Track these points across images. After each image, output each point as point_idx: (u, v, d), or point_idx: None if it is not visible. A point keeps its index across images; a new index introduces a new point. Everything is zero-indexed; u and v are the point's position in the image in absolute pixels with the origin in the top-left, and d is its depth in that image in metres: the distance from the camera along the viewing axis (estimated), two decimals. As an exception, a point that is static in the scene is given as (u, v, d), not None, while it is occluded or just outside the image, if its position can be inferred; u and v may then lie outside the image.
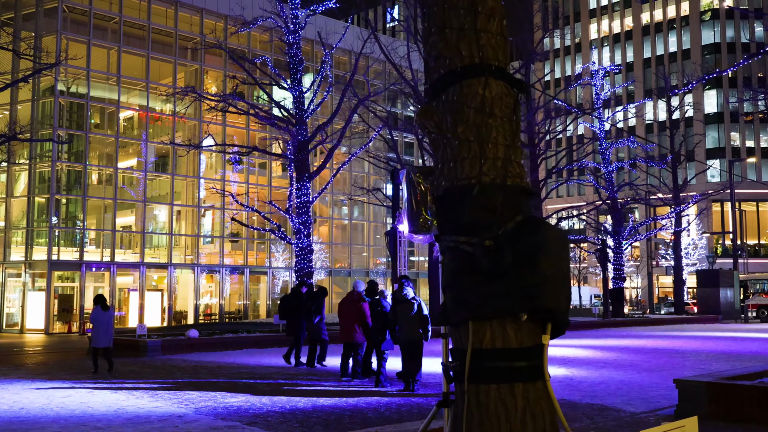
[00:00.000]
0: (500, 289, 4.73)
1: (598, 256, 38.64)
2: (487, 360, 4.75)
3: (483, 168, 4.85)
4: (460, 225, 4.88)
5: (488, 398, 4.76)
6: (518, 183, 4.84)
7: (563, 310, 4.74)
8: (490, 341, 4.75)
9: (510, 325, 4.71)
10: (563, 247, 4.85)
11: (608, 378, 14.59)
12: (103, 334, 15.67)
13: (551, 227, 4.84)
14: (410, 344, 12.56)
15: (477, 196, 4.78)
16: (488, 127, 4.86)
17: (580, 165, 42.15)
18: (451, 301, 5.02)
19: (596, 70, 42.67)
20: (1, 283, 40.48)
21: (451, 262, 5.02)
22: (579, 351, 21.46)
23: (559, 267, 4.75)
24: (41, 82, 40.24)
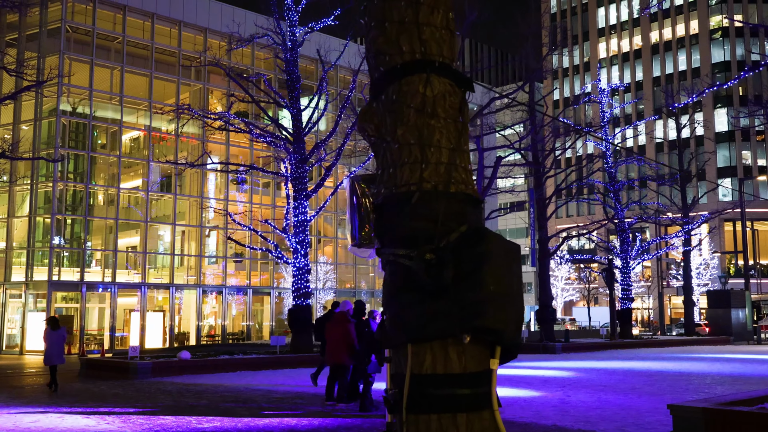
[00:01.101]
0: (441, 307, 4.25)
1: (605, 276, 37.96)
2: (427, 387, 4.26)
3: (424, 174, 4.39)
4: (398, 236, 4.42)
5: (428, 430, 4.28)
6: (463, 190, 4.38)
7: (511, 331, 4.24)
8: (430, 366, 4.27)
9: (453, 348, 4.23)
10: (512, 260, 4.37)
11: (605, 402, 13.99)
12: (54, 353, 16.65)
13: (498, 239, 4.37)
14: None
15: (417, 205, 4.32)
16: (430, 129, 4.41)
17: (587, 183, 41.57)
18: (390, 322, 4.54)
19: (602, 89, 42.21)
20: (2, 304, 40.21)
21: (390, 278, 4.55)
22: (580, 373, 20.82)
23: (506, 283, 4.27)
24: (44, 102, 40.20)
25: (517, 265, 4.46)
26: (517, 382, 17.96)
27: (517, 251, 4.49)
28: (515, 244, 4.57)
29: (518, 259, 4.49)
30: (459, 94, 4.59)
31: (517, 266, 4.46)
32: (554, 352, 31.09)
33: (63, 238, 40.77)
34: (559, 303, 73.43)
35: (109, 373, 20.87)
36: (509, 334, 4.27)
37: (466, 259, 4.28)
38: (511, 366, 23.40)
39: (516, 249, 4.51)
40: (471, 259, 4.27)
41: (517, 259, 4.47)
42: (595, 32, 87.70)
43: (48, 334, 17.16)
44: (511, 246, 4.49)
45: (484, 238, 4.26)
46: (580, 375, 20.22)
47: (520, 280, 4.49)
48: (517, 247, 4.54)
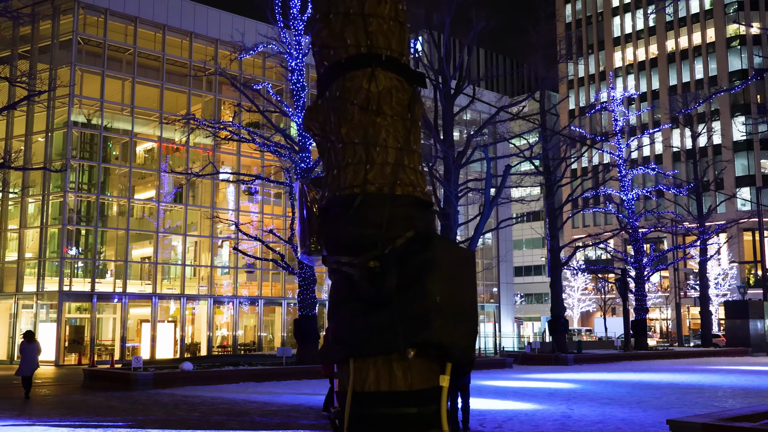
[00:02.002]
0: (384, 320, 3.95)
1: (618, 285, 37.34)
2: (370, 405, 3.95)
3: (368, 175, 4.09)
4: (342, 243, 4.12)
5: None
6: (410, 193, 4.08)
7: (460, 345, 3.92)
8: (374, 383, 3.96)
9: (398, 364, 3.92)
10: (462, 269, 4.05)
11: (609, 416, 13.56)
12: (26, 364, 17.85)
13: (446, 245, 4.05)
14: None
15: (360, 208, 4.02)
16: (376, 128, 4.12)
17: (600, 193, 41.02)
18: (332, 335, 4.25)
19: (614, 97, 41.72)
20: (14, 314, 40.27)
21: (333, 288, 4.25)
22: (588, 385, 20.35)
23: (454, 293, 3.95)
24: (56, 114, 40.35)
25: (469, 274, 4.13)
26: (522, 395, 17.55)
27: (469, 258, 4.17)
28: (467, 251, 4.25)
29: (471, 267, 4.16)
30: (408, 91, 4.29)
31: (470, 275, 4.14)
32: (566, 364, 30.57)
33: (77, 248, 40.82)
34: (575, 314, 72.66)
35: (111, 384, 20.67)
36: (458, 349, 3.95)
37: (411, 267, 3.97)
38: (517, 378, 22.97)
39: (468, 256, 4.19)
40: (415, 266, 3.96)
41: (469, 267, 4.14)
42: (611, 41, 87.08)
43: (23, 347, 18.24)
44: (463, 253, 4.17)
45: (430, 243, 3.96)
46: (587, 387, 19.75)
47: (474, 290, 4.17)
48: (469, 254, 4.22)
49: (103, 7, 40.67)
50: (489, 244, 60.57)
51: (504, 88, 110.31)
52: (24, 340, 18.56)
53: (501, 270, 59.59)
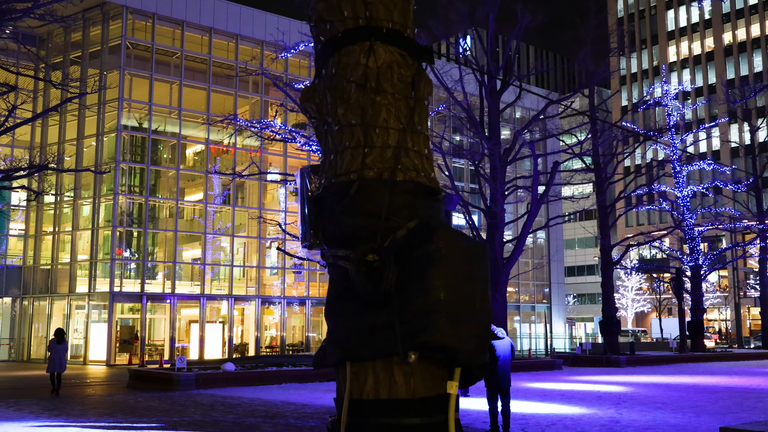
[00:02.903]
0: (382, 319, 3.55)
1: (673, 285, 36.18)
2: (369, 415, 3.56)
3: (366, 159, 3.70)
4: (338, 234, 3.74)
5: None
6: (413, 178, 3.67)
7: (468, 348, 3.49)
8: (372, 390, 3.57)
9: (399, 369, 3.52)
10: (472, 262, 3.61)
11: (660, 422, 12.90)
12: (57, 362, 18.97)
13: (455, 236, 3.62)
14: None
15: (356, 196, 3.63)
16: (376, 107, 3.72)
17: (654, 189, 39.80)
18: (327, 336, 3.87)
19: (667, 91, 40.46)
20: (67, 314, 41.01)
21: (330, 284, 3.87)
22: (640, 389, 19.58)
23: (463, 289, 3.52)
24: (106, 119, 40.94)
25: (480, 268, 3.70)
26: (569, 398, 16.93)
27: (479, 252, 3.73)
28: (478, 243, 3.82)
29: (483, 261, 3.72)
30: (412, 66, 3.88)
31: (482, 269, 3.70)
32: (618, 366, 29.67)
33: (130, 249, 41.35)
34: (629, 314, 71.00)
35: (155, 385, 20.69)
36: (466, 353, 3.52)
37: (413, 261, 3.57)
38: (566, 380, 22.28)
39: (478, 249, 3.75)
40: (418, 260, 3.56)
41: (480, 261, 3.71)
42: (665, 35, 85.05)
43: (53, 346, 19.43)
44: (473, 245, 3.74)
45: (434, 234, 3.54)
46: (639, 390, 18.99)
47: (486, 286, 3.74)
48: (481, 247, 3.78)
49: (150, 11, 41.13)
50: (541, 243, 59.52)
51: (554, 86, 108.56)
52: (54, 339, 19.66)
53: (552, 270, 58.47)
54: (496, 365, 11.26)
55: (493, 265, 29.37)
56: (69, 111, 42.85)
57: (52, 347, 19.48)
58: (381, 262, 3.51)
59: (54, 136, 43.37)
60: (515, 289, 56.44)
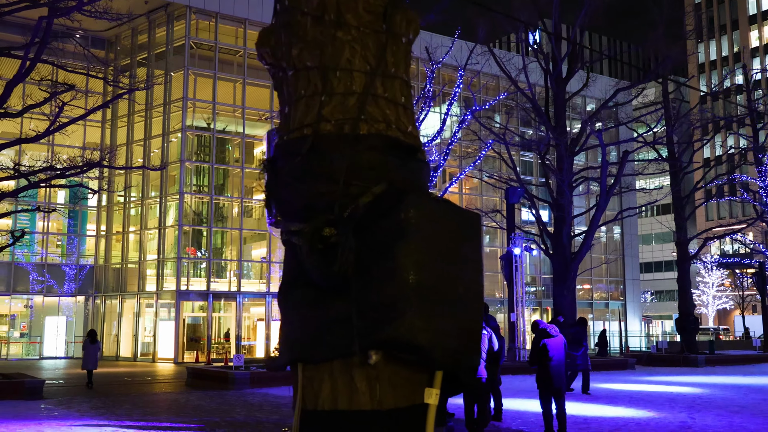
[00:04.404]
0: (339, 311, 2.81)
1: (756, 280, 34.12)
2: (324, 429, 2.84)
3: (324, 110, 2.96)
4: (292, 205, 3.02)
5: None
6: (383, 131, 2.91)
7: (447, 347, 2.72)
8: (329, 398, 2.83)
9: (360, 373, 2.76)
10: (452, 237, 2.82)
11: (738, 428, 11.73)
12: (91, 360, 20.26)
13: (433, 203, 2.84)
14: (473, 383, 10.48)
15: (310, 156, 2.91)
16: (336, 45, 2.98)
17: (735, 180, 37.66)
18: (280, 332, 3.15)
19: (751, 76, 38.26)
20: (136, 313, 41.61)
21: (284, 268, 3.15)
22: (717, 390, 18.20)
23: (438, 271, 2.74)
24: (172, 119, 41.31)
25: (466, 246, 2.90)
26: (637, 400, 15.77)
27: (465, 224, 2.93)
28: (466, 214, 3.01)
29: (469, 236, 2.93)
30: (383, -6, 3.14)
31: (467, 247, 2.91)
32: (696, 365, 28.04)
33: (199, 249, 41.65)
34: (710, 311, 68.02)
35: (210, 383, 20.46)
36: (443, 352, 2.74)
37: (379, 236, 2.82)
38: (637, 380, 21.01)
39: (464, 220, 2.95)
40: (384, 234, 2.81)
41: (466, 236, 2.91)
42: (746, 20, 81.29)
43: (86, 345, 20.73)
44: (454, 214, 2.94)
45: (404, 200, 2.78)
46: (716, 393, 17.64)
47: (476, 269, 2.93)
48: (466, 218, 2.97)
49: (213, 11, 41.31)
50: (614, 238, 57.49)
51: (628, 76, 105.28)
52: (87, 339, 20.96)
53: (627, 265, 56.37)
54: (549, 365, 10.37)
55: (561, 259, 28.15)
56: (136, 112, 43.48)
57: (86, 347, 20.74)
58: (339, 238, 2.76)
59: (123, 137, 44.10)
60: (588, 286, 54.63)
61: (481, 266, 2.90)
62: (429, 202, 2.77)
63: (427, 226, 2.73)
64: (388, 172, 2.89)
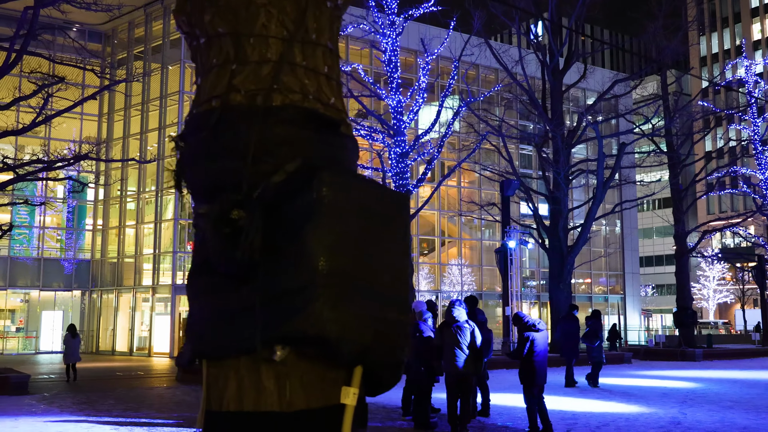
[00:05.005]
0: (243, 302, 2.55)
1: (754, 274, 33.83)
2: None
3: (234, 80, 2.69)
4: (198, 185, 2.76)
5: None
6: (298, 103, 2.64)
7: (359, 341, 2.45)
8: (234, 399, 2.55)
9: (268, 370, 2.49)
10: (372, 218, 2.56)
11: (729, 423, 11.48)
12: (72, 353, 20.38)
13: (348, 178, 2.58)
14: (456, 378, 10.24)
15: (218, 130, 2.64)
16: (251, 9, 2.70)
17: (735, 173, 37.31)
18: (186, 325, 2.90)
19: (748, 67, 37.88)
20: (133, 307, 41.45)
21: (193, 254, 2.90)
22: (712, 385, 17.95)
23: (353, 256, 2.47)
24: (168, 113, 41.09)
25: (389, 228, 2.64)
26: (630, 395, 15.52)
27: (388, 204, 2.66)
28: (388, 192, 2.74)
29: (393, 218, 2.66)
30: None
31: (391, 230, 2.64)
32: (693, 359, 27.78)
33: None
34: (710, 305, 67.76)
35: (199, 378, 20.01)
36: (354, 346, 2.48)
37: (290, 217, 2.57)
38: (632, 375, 20.76)
39: (387, 200, 2.68)
40: (295, 216, 2.55)
41: (389, 218, 2.64)
42: (748, 12, 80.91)
43: (67, 340, 20.84)
44: (377, 194, 2.67)
45: (317, 177, 2.52)
46: (711, 387, 17.38)
47: (402, 256, 2.66)
48: (390, 198, 2.70)
49: (209, 3, 41.10)
50: (614, 231, 57.20)
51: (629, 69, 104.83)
52: (68, 334, 21.09)
53: (626, 259, 56.09)
54: (535, 360, 10.13)
55: (557, 253, 27.88)
56: (133, 106, 43.20)
57: (67, 341, 20.84)
58: (247, 221, 2.49)
59: (119, 131, 43.88)
60: (588, 280, 54.36)
61: (408, 251, 2.63)
62: (346, 181, 2.50)
63: (343, 207, 2.47)
64: (304, 147, 2.62)
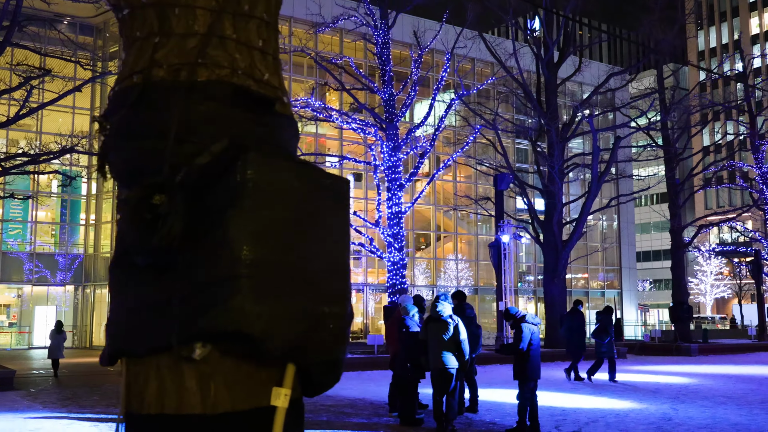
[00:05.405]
0: (161, 295, 2.35)
1: (751, 268, 33.67)
2: (150, 438, 2.38)
3: (157, 54, 2.49)
4: (119, 168, 2.56)
5: None
6: (226, 78, 2.44)
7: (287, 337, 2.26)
8: (155, 400, 2.35)
9: (190, 370, 2.29)
10: (305, 203, 2.36)
11: (721, 419, 11.30)
12: (56, 349, 20.48)
13: (277, 161, 2.37)
14: (441, 373, 10.05)
15: (138, 108, 2.44)
16: (177, -23, 2.52)
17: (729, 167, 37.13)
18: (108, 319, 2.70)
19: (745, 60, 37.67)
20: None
21: (116, 242, 2.69)
22: (706, 380, 17.79)
23: (281, 244, 2.28)
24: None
25: (329, 216, 2.43)
26: (622, 391, 15.35)
27: (327, 190, 2.44)
28: (329, 178, 2.53)
29: (333, 206, 2.45)
30: None
31: (330, 218, 2.44)
32: (689, 354, 27.63)
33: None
34: (708, 300, 67.64)
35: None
36: (284, 342, 2.28)
37: (212, 204, 2.37)
38: (626, 370, 20.56)
39: (327, 186, 2.45)
40: (217, 199, 2.36)
41: (327, 205, 2.43)
42: (746, 6, 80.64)
43: (53, 335, 20.93)
44: (313, 179, 2.46)
45: (243, 158, 2.32)
46: (704, 383, 17.21)
47: (340, 243, 2.47)
48: (331, 184, 2.48)
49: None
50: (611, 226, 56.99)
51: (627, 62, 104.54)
52: (53, 330, 21.18)
53: (623, 254, 55.87)
54: (531, 355, 9.93)
55: (551, 247, 27.68)
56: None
57: (53, 337, 20.90)
58: (169, 207, 2.29)
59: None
60: (585, 275, 54.17)
61: (347, 240, 2.43)
62: (277, 163, 2.29)
63: (272, 191, 2.26)
64: (232, 127, 2.41)
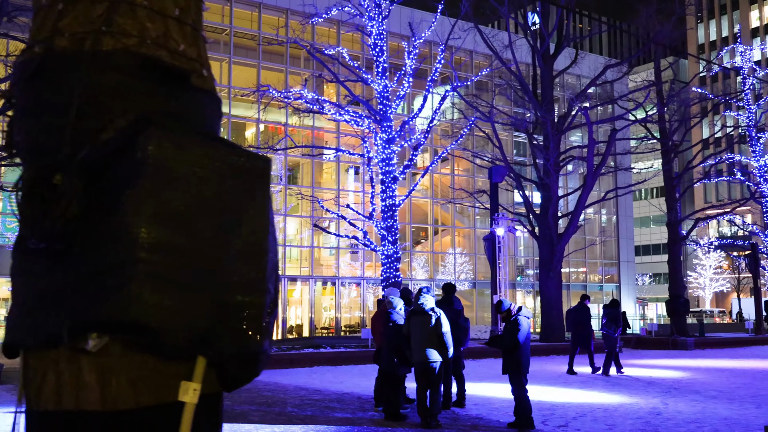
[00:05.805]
0: (56, 282, 2.18)
1: (748, 262, 33.50)
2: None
3: (60, 22, 2.32)
4: (22, 145, 2.39)
5: None
6: (134, 48, 2.26)
7: (190, 327, 2.08)
8: (53, 396, 2.19)
9: (89, 363, 2.12)
10: (219, 185, 2.18)
11: (710, 414, 11.14)
12: None
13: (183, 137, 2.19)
14: (424, 367, 9.89)
15: (37, 81, 2.27)
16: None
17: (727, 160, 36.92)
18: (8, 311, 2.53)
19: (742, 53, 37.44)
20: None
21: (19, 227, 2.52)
22: (699, 374, 17.64)
23: (186, 226, 2.10)
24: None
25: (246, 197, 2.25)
26: (613, 385, 15.19)
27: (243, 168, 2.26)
28: (245, 155, 2.35)
29: (250, 186, 2.27)
30: None
31: (247, 199, 2.27)
32: (684, 348, 27.48)
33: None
34: (707, 294, 67.52)
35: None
36: (187, 334, 2.11)
37: (113, 182, 2.21)
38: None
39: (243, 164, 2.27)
40: (117, 181, 2.19)
41: (243, 185, 2.24)
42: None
43: None
44: (226, 156, 2.27)
45: (145, 133, 2.15)
46: (697, 377, 17.06)
47: (258, 226, 2.29)
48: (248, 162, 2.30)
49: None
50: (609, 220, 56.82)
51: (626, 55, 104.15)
52: None
53: (621, 248, 55.72)
54: (524, 349, 9.75)
55: (547, 241, 27.50)
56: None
57: None
58: (67, 187, 2.12)
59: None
60: (583, 269, 54.03)
61: (265, 223, 2.25)
62: (184, 139, 2.11)
63: (176, 169, 2.08)
64: (140, 101, 2.23)
